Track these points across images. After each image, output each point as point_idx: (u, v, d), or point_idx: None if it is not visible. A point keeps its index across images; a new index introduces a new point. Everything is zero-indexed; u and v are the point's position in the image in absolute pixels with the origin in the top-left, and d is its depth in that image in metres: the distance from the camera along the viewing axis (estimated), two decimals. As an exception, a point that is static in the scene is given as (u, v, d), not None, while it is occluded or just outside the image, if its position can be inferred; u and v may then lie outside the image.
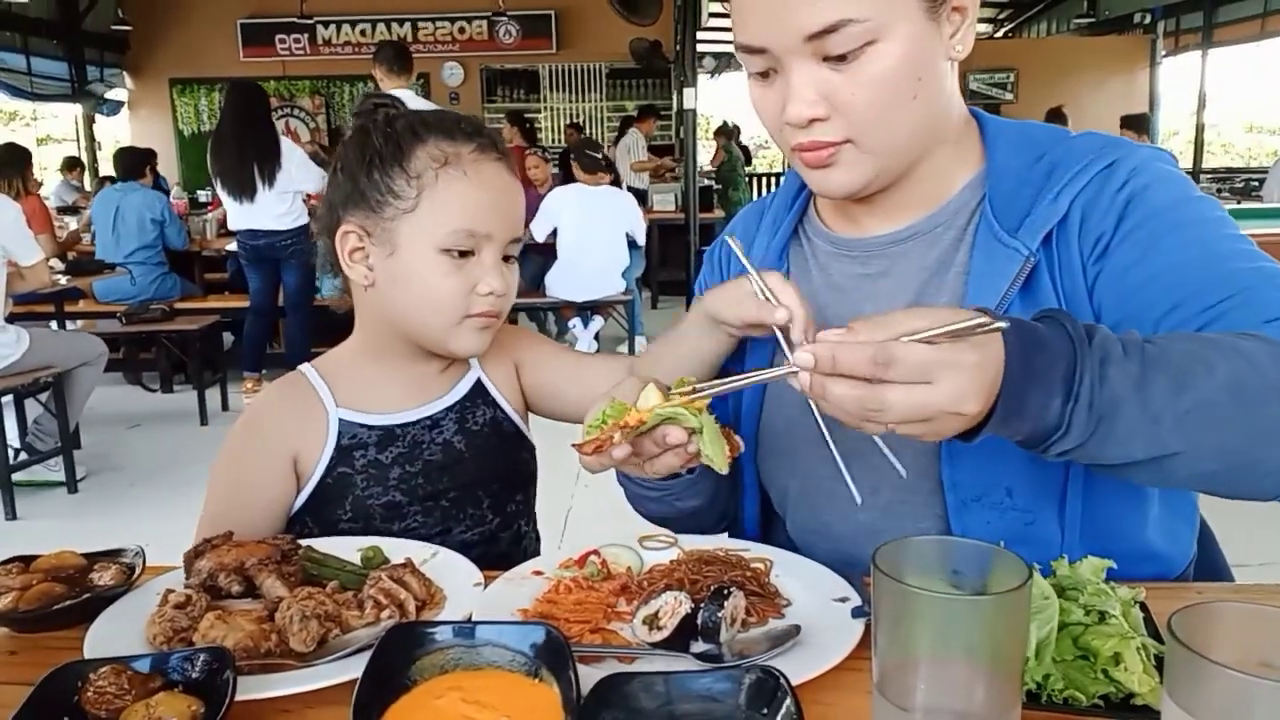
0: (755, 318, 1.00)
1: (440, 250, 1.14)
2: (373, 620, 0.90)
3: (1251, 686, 0.53)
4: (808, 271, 1.12)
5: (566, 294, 6.14)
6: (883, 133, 0.94)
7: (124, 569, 1.00)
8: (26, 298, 4.73)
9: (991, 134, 1.04)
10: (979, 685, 0.61)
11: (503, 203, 1.18)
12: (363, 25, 11.31)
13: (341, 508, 1.19)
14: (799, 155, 0.97)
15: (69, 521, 4.08)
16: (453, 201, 1.14)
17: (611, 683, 0.71)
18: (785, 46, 0.90)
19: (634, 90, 11.42)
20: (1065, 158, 0.99)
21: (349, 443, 1.20)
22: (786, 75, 0.92)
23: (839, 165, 0.95)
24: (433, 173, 1.14)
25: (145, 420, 5.52)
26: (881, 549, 0.65)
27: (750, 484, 1.16)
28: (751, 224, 1.21)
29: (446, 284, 1.14)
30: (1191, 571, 1.08)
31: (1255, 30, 10.03)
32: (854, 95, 0.91)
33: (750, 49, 0.94)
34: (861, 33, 0.88)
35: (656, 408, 0.86)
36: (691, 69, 7.58)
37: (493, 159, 1.18)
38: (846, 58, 0.89)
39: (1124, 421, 0.76)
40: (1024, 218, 0.97)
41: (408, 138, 1.16)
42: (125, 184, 6.02)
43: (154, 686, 0.77)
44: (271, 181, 5.28)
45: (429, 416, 1.24)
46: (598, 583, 0.98)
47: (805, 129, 0.93)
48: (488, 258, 1.16)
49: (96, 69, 11.09)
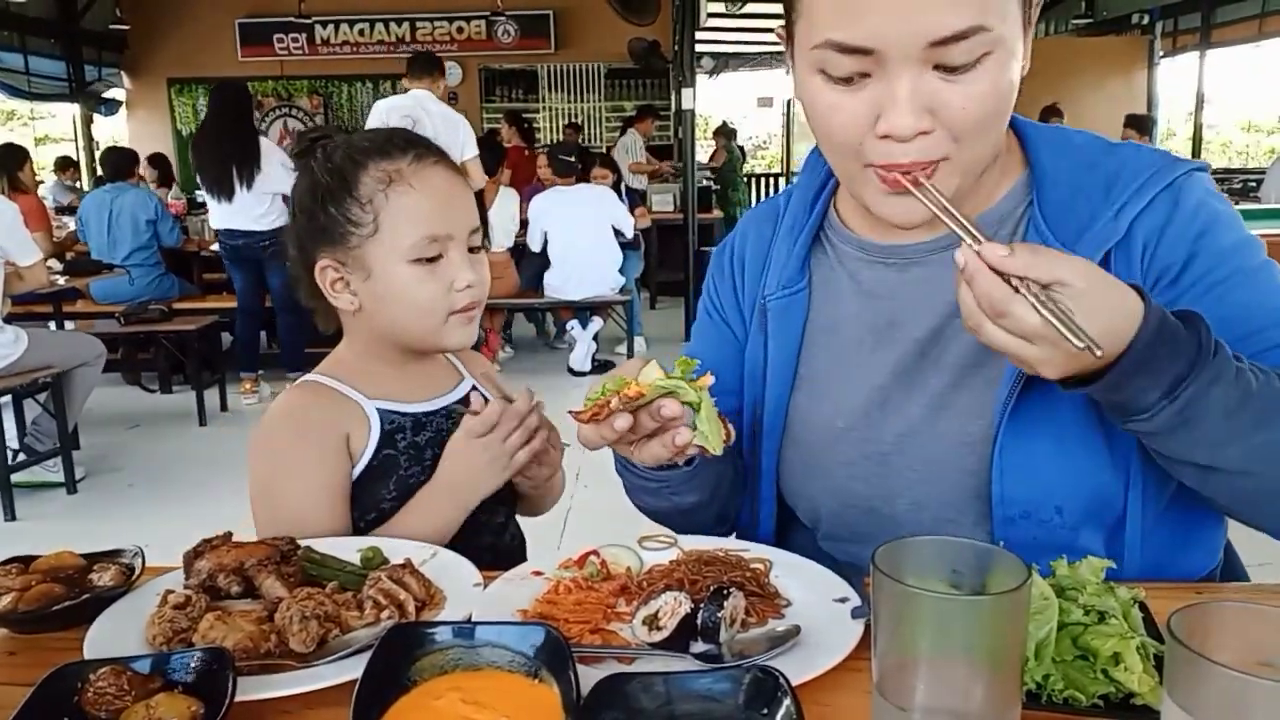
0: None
1: (410, 262, 1.20)
2: (372, 621, 0.90)
3: (1251, 686, 0.53)
4: (834, 276, 1.10)
5: (565, 294, 6.16)
6: (979, 149, 0.89)
7: (123, 569, 1.00)
8: (24, 298, 4.72)
9: (1033, 140, 1.02)
10: (978, 685, 0.61)
11: (452, 201, 1.23)
12: (361, 25, 11.31)
13: (386, 487, 1.23)
14: (878, 175, 0.89)
15: (68, 522, 4.08)
16: (408, 214, 1.19)
17: (611, 683, 0.71)
18: (903, 50, 0.82)
19: (632, 90, 11.42)
20: (1121, 172, 0.97)
21: (390, 427, 1.25)
22: (889, 83, 0.84)
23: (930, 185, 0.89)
24: (382, 194, 1.19)
25: (144, 420, 5.51)
26: (881, 549, 0.65)
27: (768, 496, 1.13)
28: (765, 228, 1.17)
29: (425, 290, 1.20)
30: (1217, 575, 1.08)
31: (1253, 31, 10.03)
32: (964, 109, 0.85)
33: (853, 49, 0.84)
34: (985, 43, 0.82)
35: (657, 381, 0.87)
36: (690, 69, 7.57)
37: (431, 163, 1.23)
38: (961, 68, 0.83)
39: (1201, 431, 0.84)
40: (1082, 232, 0.95)
41: (349, 167, 1.21)
42: (116, 185, 6.00)
43: (154, 687, 0.77)
44: (249, 182, 5.31)
45: (444, 408, 1.30)
46: (597, 583, 0.98)
47: (903, 144, 0.86)
48: (455, 255, 1.22)
49: (94, 68, 11.08)
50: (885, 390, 1.04)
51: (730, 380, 1.15)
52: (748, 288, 1.17)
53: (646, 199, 8.71)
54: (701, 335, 1.23)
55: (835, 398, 1.07)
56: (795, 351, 1.10)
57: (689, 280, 7.41)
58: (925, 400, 1.01)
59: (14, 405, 4.33)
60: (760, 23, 10.44)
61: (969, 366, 1.00)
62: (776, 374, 1.10)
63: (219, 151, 5.29)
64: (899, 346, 1.04)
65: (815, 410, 1.08)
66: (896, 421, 1.02)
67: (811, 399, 1.09)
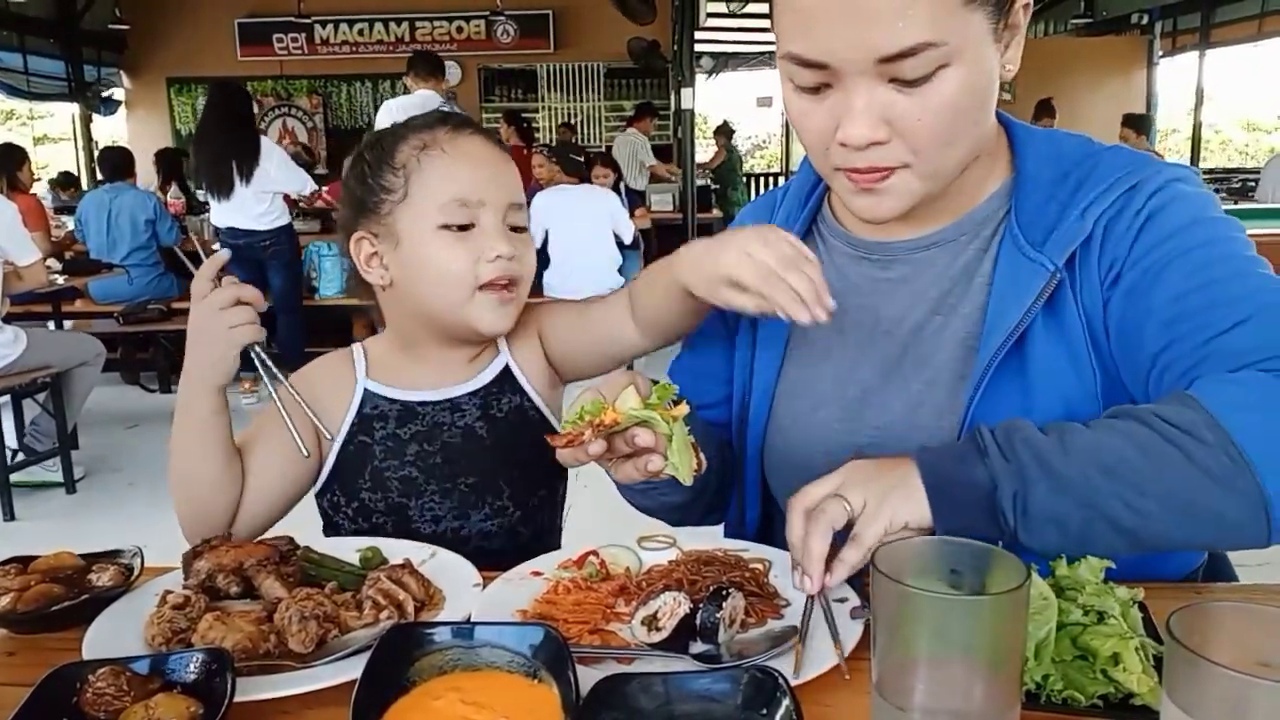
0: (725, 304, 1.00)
1: (439, 227, 1.15)
2: (371, 621, 0.90)
3: (1250, 686, 0.53)
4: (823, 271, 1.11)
5: (563, 293, 6.15)
6: (941, 158, 0.91)
7: (122, 570, 1.00)
8: (23, 297, 4.72)
9: (1021, 143, 1.02)
10: (978, 685, 0.61)
11: (489, 169, 1.19)
12: (360, 25, 11.29)
13: (362, 476, 1.22)
14: (845, 176, 0.93)
15: (67, 522, 4.07)
16: (438, 177, 1.16)
17: (610, 683, 0.71)
18: (854, 65, 0.85)
19: (632, 90, 11.41)
20: (1092, 174, 0.97)
21: (370, 412, 1.23)
22: (847, 94, 0.87)
23: (889, 191, 0.92)
24: (415, 159, 1.17)
25: (143, 420, 5.51)
26: (881, 550, 0.65)
27: (752, 488, 1.15)
28: (763, 219, 1.19)
29: (452, 256, 1.15)
30: (1200, 573, 1.08)
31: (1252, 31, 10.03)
32: (920, 120, 0.87)
33: (808, 62, 0.87)
34: (937, 57, 0.84)
35: (631, 410, 0.87)
36: (689, 69, 7.58)
37: (469, 133, 1.20)
38: (916, 82, 0.85)
39: (1097, 509, 0.80)
40: (1050, 232, 0.96)
41: (389, 140, 1.20)
42: (115, 185, 5.99)
43: (153, 688, 0.77)
44: (248, 180, 5.29)
45: (450, 399, 1.25)
46: (596, 583, 0.98)
47: (860, 152, 0.89)
48: (488, 224, 1.16)
49: (94, 68, 11.06)
50: (866, 385, 1.05)
51: (719, 368, 1.18)
52: None
53: (646, 199, 8.70)
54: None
55: (818, 390, 1.08)
56: (783, 344, 1.12)
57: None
58: (905, 396, 1.03)
59: (13, 405, 4.32)
60: (759, 22, 10.44)
61: (948, 364, 1.01)
62: (763, 366, 1.12)
63: (219, 150, 5.28)
64: (881, 342, 1.05)
65: (798, 400, 1.09)
66: (876, 415, 1.04)
67: (796, 389, 1.10)
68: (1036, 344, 0.95)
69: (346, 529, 1.24)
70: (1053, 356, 0.95)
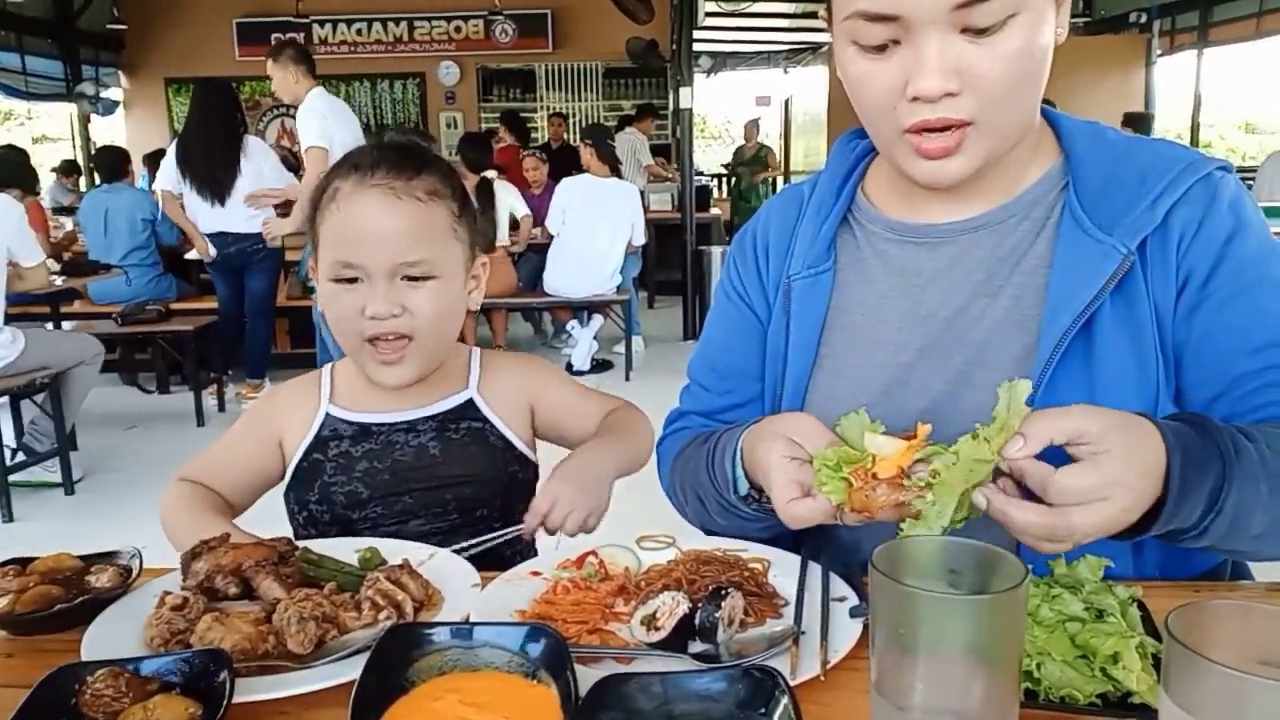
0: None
1: (329, 280, 1.21)
2: (370, 622, 0.90)
3: (1249, 685, 0.53)
4: (861, 257, 1.10)
5: (564, 288, 6.11)
6: (1009, 113, 0.92)
7: (121, 571, 1.00)
8: (21, 298, 4.71)
9: (1067, 129, 1.04)
10: (977, 684, 0.61)
11: (378, 230, 1.18)
12: (359, 24, 11.29)
13: (310, 491, 1.28)
14: (914, 139, 0.92)
15: (66, 523, 4.07)
16: (330, 232, 1.22)
17: (609, 683, 0.71)
18: (928, 13, 0.86)
19: (630, 90, 11.41)
20: (1156, 163, 0.98)
21: (328, 434, 1.30)
22: (917, 46, 0.88)
23: (960, 152, 0.92)
24: (325, 205, 1.22)
25: (142, 421, 5.50)
26: (879, 549, 0.65)
27: None
28: (790, 211, 1.17)
29: (340, 307, 1.21)
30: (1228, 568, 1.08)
31: (1251, 29, 10.02)
32: (991, 70, 0.88)
33: (878, 16, 0.88)
34: (1012, 3, 0.86)
35: (908, 450, 0.80)
36: (688, 68, 7.57)
37: (370, 186, 1.19)
38: (988, 30, 0.86)
39: (1247, 523, 0.83)
40: (1120, 217, 0.96)
41: (328, 175, 1.25)
42: (112, 185, 5.99)
43: (151, 689, 0.77)
44: (235, 181, 5.18)
45: (407, 421, 1.30)
46: (595, 583, 0.98)
47: (932, 105, 0.89)
48: (373, 280, 1.19)
49: (91, 68, 11.05)
50: (909, 368, 1.04)
51: (751, 364, 1.16)
52: (772, 269, 1.16)
53: (644, 198, 8.69)
54: (721, 320, 1.22)
55: (856, 375, 1.06)
56: (818, 330, 1.09)
57: (687, 279, 7.41)
58: (948, 376, 1.01)
59: (11, 406, 4.32)
60: (758, 21, 10.44)
61: (992, 344, 1.00)
62: (798, 352, 1.10)
63: (209, 153, 5.18)
64: (925, 325, 1.04)
65: (836, 388, 1.07)
66: (919, 398, 1.02)
67: (833, 377, 1.08)
68: (1104, 328, 0.95)
69: (299, 535, 1.30)
70: (1119, 344, 0.95)
